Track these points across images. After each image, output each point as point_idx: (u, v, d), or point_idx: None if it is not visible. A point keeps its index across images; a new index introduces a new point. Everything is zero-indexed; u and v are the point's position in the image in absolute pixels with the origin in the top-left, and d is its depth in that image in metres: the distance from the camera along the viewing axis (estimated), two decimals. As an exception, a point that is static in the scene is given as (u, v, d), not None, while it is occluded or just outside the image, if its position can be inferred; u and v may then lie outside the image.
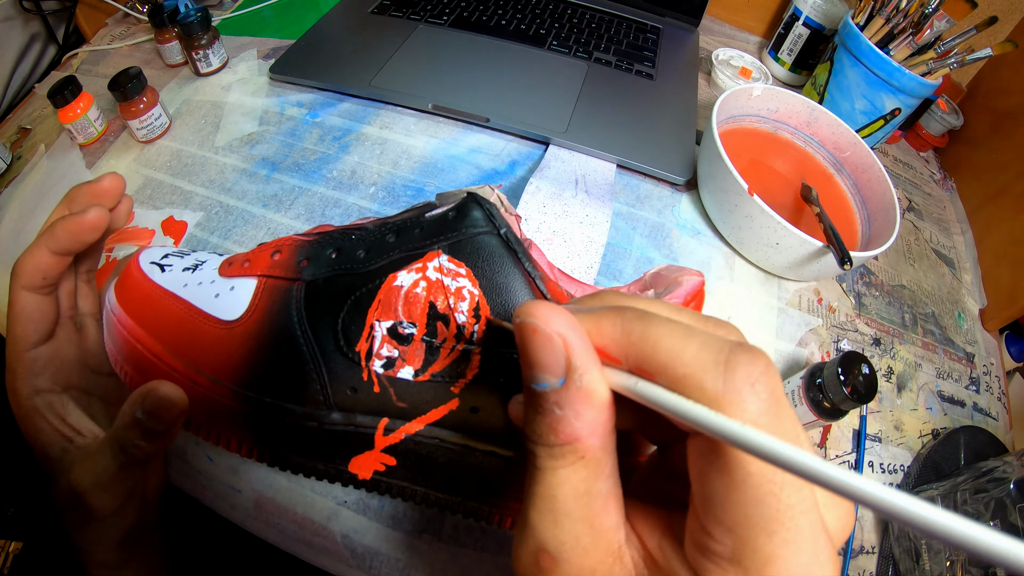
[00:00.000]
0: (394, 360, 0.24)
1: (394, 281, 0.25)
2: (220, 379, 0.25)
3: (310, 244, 0.28)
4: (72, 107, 0.46)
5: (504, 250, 0.25)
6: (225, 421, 0.26)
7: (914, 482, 0.40)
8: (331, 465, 0.26)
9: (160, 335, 0.27)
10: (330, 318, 0.25)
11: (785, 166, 0.53)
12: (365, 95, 0.54)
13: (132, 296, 0.28)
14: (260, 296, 0.26)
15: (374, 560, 0.32)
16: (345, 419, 0.25)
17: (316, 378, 0.25)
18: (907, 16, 0.52)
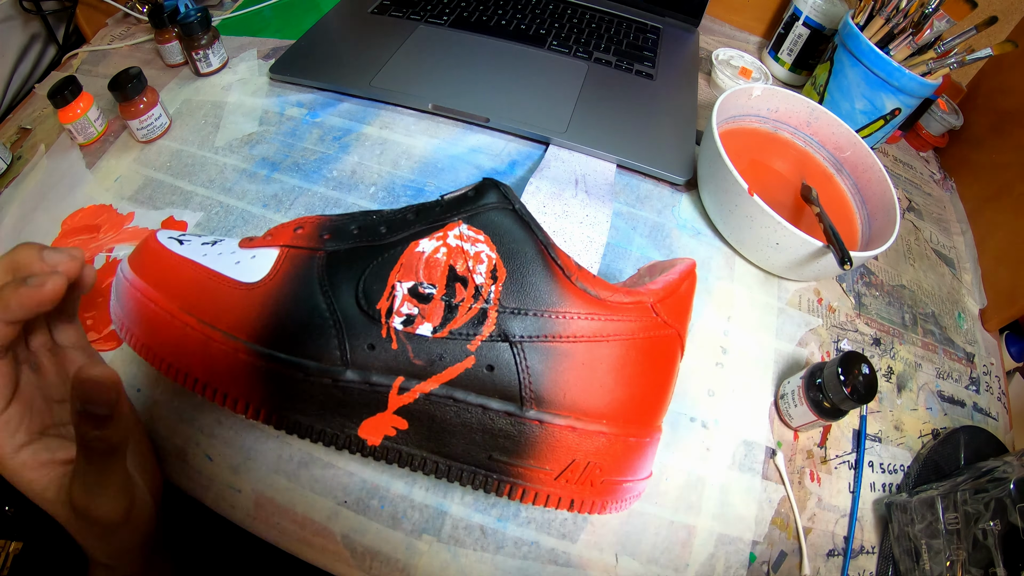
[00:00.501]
0: (414, 317, 0.25)
1: (416, 247, 0.26)
2: (236, 335, 0.25)
3: (332, 221, 0.28)
4: (72, 107, 0.46)
5: (519, 222, 0.27)
6: (235, 378, 0.26)
7: (914, 482, 0.40)
8: (340, 428, 0.26)
9: (176, 295, 0.27)
10: (351, 279, 0.26)
11: (785, 166, 0.53)
12: (365, 95, 0.54)
13: (149, 263, 0.28)
14: (282, 262, 0.27)
15: (374, 560, 0.32)
16: (360, 377, 0.25)
17: (335, 333, 0.25)
18: (907, 16, 0.52)
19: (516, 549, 0.33)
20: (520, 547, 0.33)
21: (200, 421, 0.35)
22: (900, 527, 0.37)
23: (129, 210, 0.44)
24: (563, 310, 0.26)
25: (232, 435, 0.34)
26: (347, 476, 0.34)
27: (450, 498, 0.34)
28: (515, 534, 0.33)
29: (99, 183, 0.46)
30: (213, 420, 0.35)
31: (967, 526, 0.34)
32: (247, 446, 0.34)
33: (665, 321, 0.28)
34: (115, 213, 0.44)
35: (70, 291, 0.27)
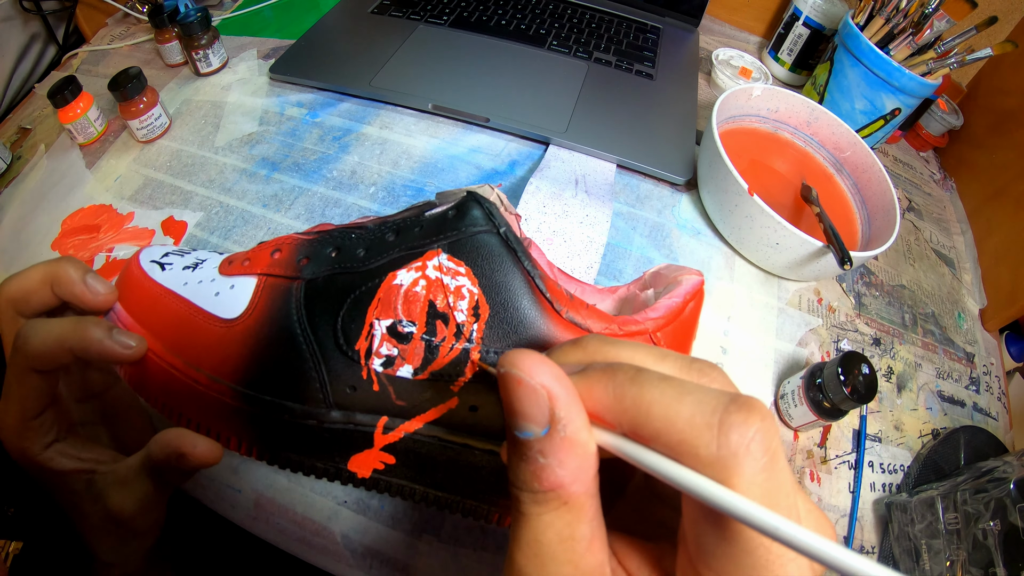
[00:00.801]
0: (393, 358, 0.25)
1: (394, 280, 0.25)
2: (220, 377, 0.25)
3: (310, 243, 0.28)
4: (72, 107, 0.46)
5: (504, 249, 0.25)
6: (224, 419, 0.26)
7: (914, 482, 0.40)
8: (330, 463, 0.26)
9: (160, 333, 0.27)
10: (330, 316, 0.25)
11: (785, 166, 0.53)
12: (365, 95, 0.54)
13: (132, 295, 0.28)
14: (260, 294, 0.26)
15: (374, 560, 0.32)
16: (344, 417, 0.25)
17: (316, 376, 0.25)
18: (907, 16, 0.52)
19: (516, 549, 0.33)
20: (520, 547, 0.33)
21: (200, 421, 0.35)
22: (900, 527, 0.37)
23: (129, 210, 0.44)
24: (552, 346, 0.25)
25: (232, 435, 0.34)
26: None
27: (450, 498, 0.34)
28: (515, 534, 0.33)
29: (99, 183, 0.46)
30: (213, 420, 0.35)
31: (967, 526, 0.34)
32: (247, 446, 0.34)
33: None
34: (115, 213, 0.44)
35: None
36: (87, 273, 0.27)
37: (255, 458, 0.26)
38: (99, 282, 0.27)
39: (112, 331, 0.26)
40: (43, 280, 0.27)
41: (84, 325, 0.25)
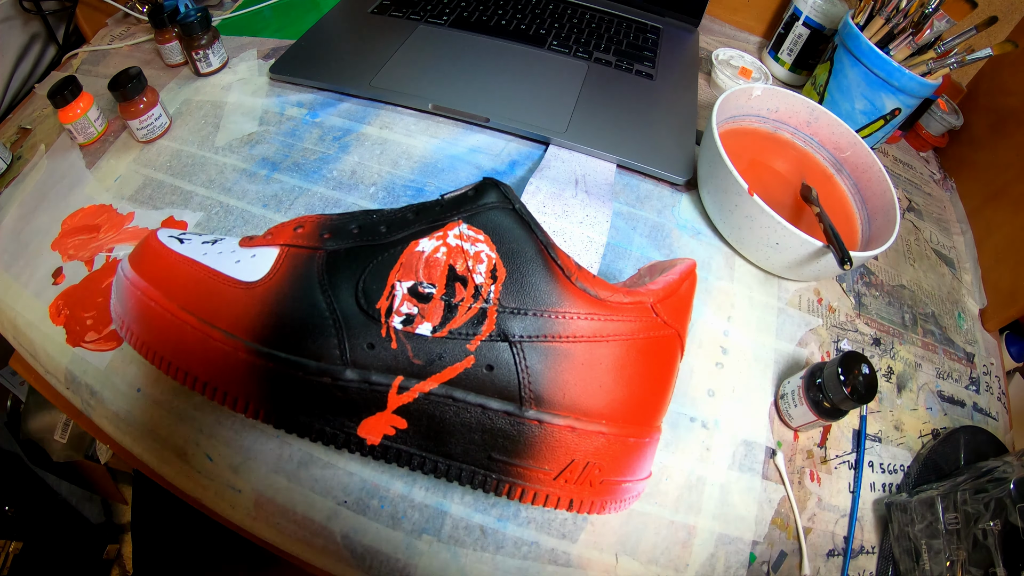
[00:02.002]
0: (413, 316, 0.25)
1: (416, 247, 0.26)
2: (236, 333, 0.25)
3: (332, 220, 0.29)
4: (72, 107, 0.46)
5: (519, 222, 0.27)
6: (235, 377, 0.26)
7: (914, 482, 0.40)
8: (340, 428, 0.26)
9: (175, 294, 0.27)
10: (351, 278, 0.26)
11: (785, 166, 0.53)
12: (365, 95, 0.54)
13: (149, 262, 0.28)
14: (282, 261, 0.27)
15: (374, 560, 0.32)
16: (360, 376, 0.25)
17: (334, 332, 0.25)
18: (907, 16, 0.52)
19: (516, 549, 0.33)
20: (520, 547, 0.33)
21: (200, 421, 0.35)
22: (900, 527, 0.37)
23: (129, 210, 0.44)
24: (563, 310, 0.26)
25: (232, 435, 0.34)
26: (347, 476, 0.34)
27: (450, 498, 0.34)
28: (515, 534, 0.33)
29: (99, 183, 0.46)
30: (213, 420, 0.35)
31: (967, 526, 0.34)
32: (247, 446, 0.34)
33: (665, 321, 0.28)
34: (115, 213, 0.44)
35: None
36: None
37: (262, 420, 0.26)
38: None
39: None
40: None
41: None
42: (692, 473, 0.37)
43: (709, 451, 0.38)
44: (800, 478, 0.38)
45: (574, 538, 0.33)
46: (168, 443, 0.34)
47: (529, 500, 0.26)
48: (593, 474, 0.26)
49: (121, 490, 0.87)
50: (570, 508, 0.26)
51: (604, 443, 0.26)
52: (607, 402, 0.26)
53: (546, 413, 0.26)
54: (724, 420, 0.39)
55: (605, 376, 0.26)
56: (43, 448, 0.78)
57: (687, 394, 0.40)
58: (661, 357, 0.28)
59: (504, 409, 0.26)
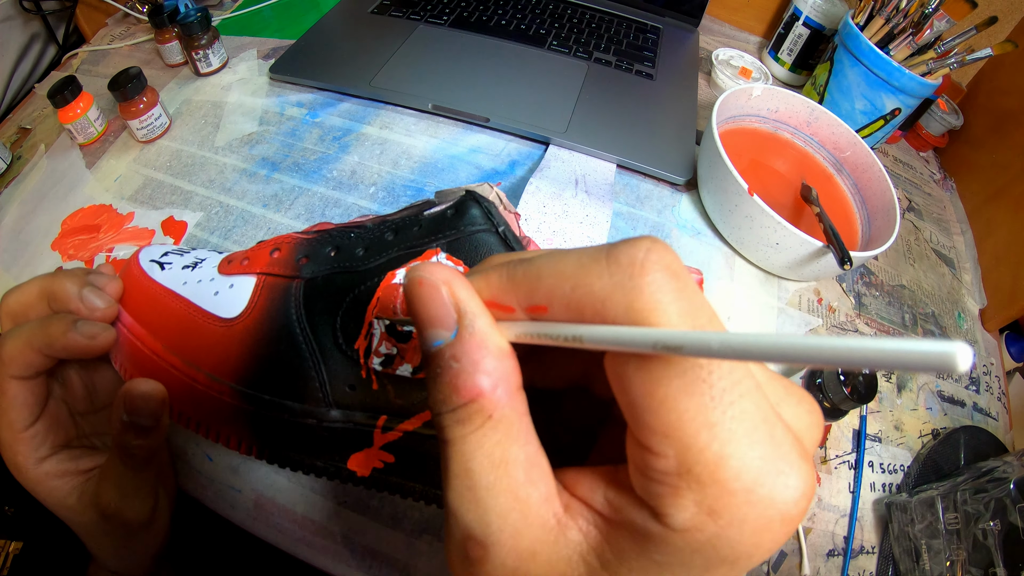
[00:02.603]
0: (392, 357, 0.25)
1: (393, 279, 0.25)
2: (219, 376, 0.26)
3: (309, 242, 0.28)
4: (72, 107, 0.46)
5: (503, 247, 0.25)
6: (224, 418, 0.26)
7: (914, 482, 0.40)
8: (330, 462, 0.26)
9: (159, 333, 0.27)
10: (329, 315, 0.25)
11: (785, 166, 0.53)
12: (365, 95, 0.54)
13: (132, 294, 0.28)
14: (259, 293, 0.26)
15: (374, 560, 0.32)
16: (344, 416, 0.25)
17: (315, 375, 0.25)
18: (907, 16, 0.52)
19: (516, 549, 0.33)
20: (520, 547, 0.33)
21: (200, 421, 0.35)
22: (900, 527, 0.37)
23: (129, 210, 0.44)
24: None
25: (232, 435, 0.34)
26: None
27: (450, 498, 0.34)
28: (515, 534, 0.33)
29: (99, 183, 0.46)
30: (213, 420, 0.35)
31: (967, 526, 0.34)
32: (247, 446, 0.34)
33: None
34: (115, 213, 0.44)
35: None
36: (84, 287, 0.26)
37: (255, 457, 0.26)
38: (97, 296, 0.27)
39: (76, 324, 0.25)
40: (40, 295, 0.27)
41: (47, 323, 0.25)
42: (692, 473, 0.37)
43: (709, 451, 0.38)
44: (800, 478, 0.38)
45: (574, 538, 0.33)
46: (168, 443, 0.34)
47: None
48: None
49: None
50: None
51: None
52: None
53: None
54: (724, 420, 0.39)
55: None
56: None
57: (687, 394, 0.39)
58: None
59: None
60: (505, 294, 0.14)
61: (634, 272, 0.12)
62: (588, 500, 0.14)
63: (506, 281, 0.14)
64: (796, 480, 0.11)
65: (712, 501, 0.11)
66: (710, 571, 0.12)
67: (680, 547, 0.12)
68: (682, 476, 0.11)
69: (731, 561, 0.12)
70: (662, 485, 0.12)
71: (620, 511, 0.13)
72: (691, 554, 0.12)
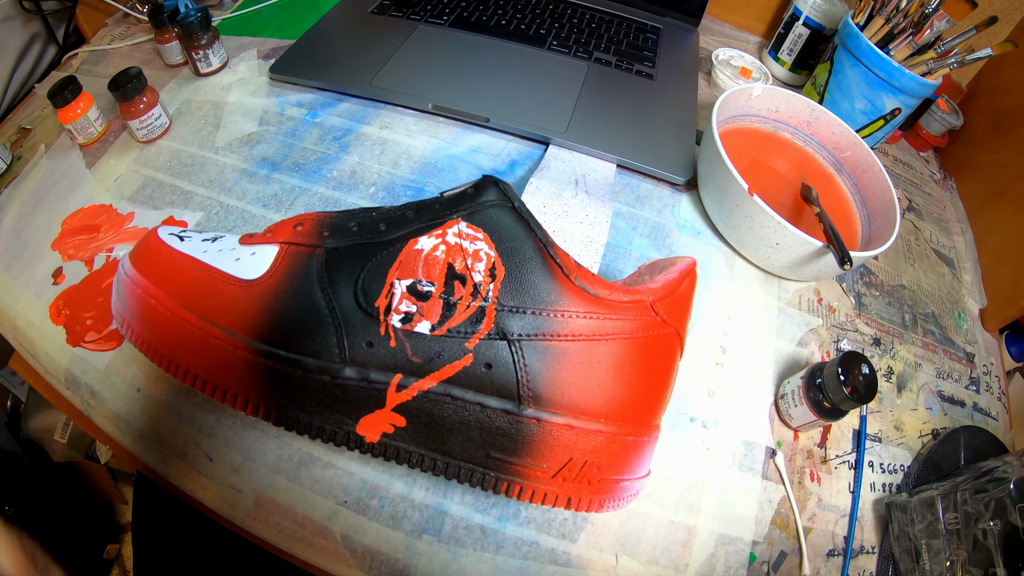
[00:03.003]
0: (412, 315, 0.25)
1: (415, 245, 0.26)
2: (235, 331, 0.26)
3: (332, 218, 0.29)
4: (72, 107, 0.46)
5: (518, 220, 0.27)
6: (235, 375, 0.26)
7: (914, 482, 0.40)
8: (338, 425, 0.26)
9: (176, 292, 0.27)
10: (350, 277, 0.26)
11: (785, 166, 0.53)
12: (365, 95, 0.54)
13: (149, 259, 0.28)
14: (281, 259, 0.27)
15: (374, 560, 0.32)
16: (359, 374, 0.25)
17: (334, 331, 0.25)
18: (907, 16, 0.52)
19: (516, 549, 0.33)
20: (520, 547, 0.33)
21: (200, 421, 0.35)
22: (900, 527, 0.37)
23: (129, 210, 0.44)
24: (562, 308, 0.26)
25: (232, 435, 0.34)
26: (347, 476, 0.34)
27: (450, 498, 0.34)
28: (515, 534, 0.33)
29: (99, 183, 0.46)
30: (213, 420, 0.35)
31: (967, 526, 0.34)
32: (247, 446, 0.34)
33: (664, 320, 0.28)
34: (115, 213, 0.44)
35: None
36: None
37: (261, 417, 0.26)
38: None
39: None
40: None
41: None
42: (692, 473, 0.37)
43: (709, 451, 0.38)
44: (800, 478, 0.38)
45: (574, 538, 0.33)
46: (168, 443, 0.34)
47: (527, 498, 0.26)
48: (591, 472, 0.26)
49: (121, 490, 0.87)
50: (568, 506, 0.26)
51: (602, 441, 0.26)
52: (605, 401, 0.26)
53: (544, 411, 0.26)
54: (724, 420, 0.39)
55: (604, 375, 0.26)
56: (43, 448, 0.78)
57: (687, 394, 0.40)
58: (660, 356, 0.28)
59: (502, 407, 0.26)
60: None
61: None
62: None
63: None
64: None
65: None
66: None
67: None
68: None
69: None
70: None
71: None
72: None
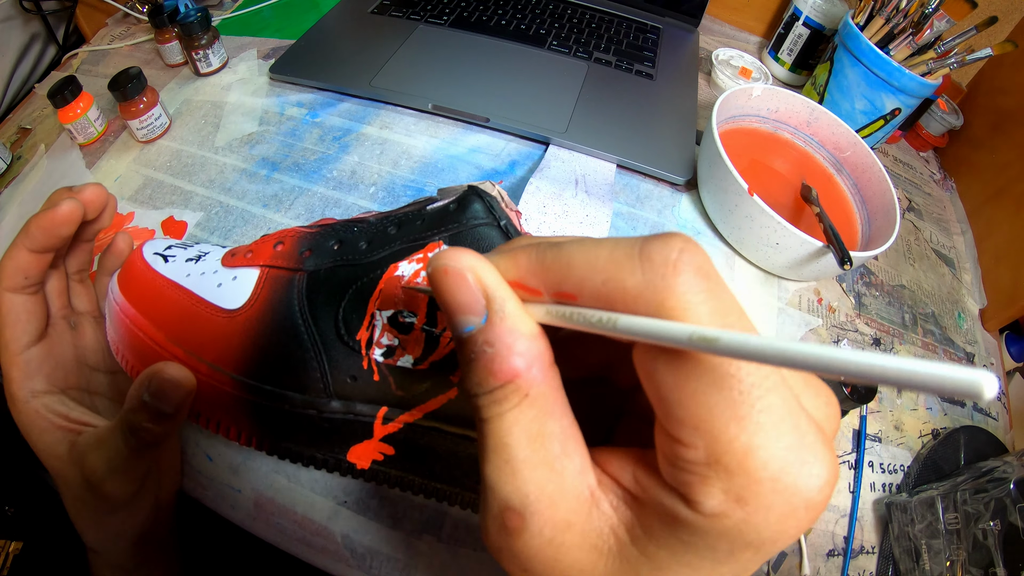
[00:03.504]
0: (394, 348, 0.25)
1: (395, 271, 0.25)
2: (221, 366, 0.25)
3: (312, 236, 0.28)
4: (72, 107, 0.46)
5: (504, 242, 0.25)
6: (225, 409, 0.26)
7: (914, 482, 0.40)
8: (330, 454, 0.26)
9: (162, 323, 0.27)
10: (331, 307, 0.25)
11: (785, 166, 0.53)
12: (365, 95, 0.54)
13: (135, 285, 0.28)
14: (262, 286, 0.27)
15: (374, 560, 0.32)
16: (344, 407, 0.25)
17: (316, 366, 0.25)
18: (907, 16, 0.52)
19: (516, 549, 0.33)
20: (520, 547, 0.33)
21: (200, 421, 0.35)
22: (900, 527, 0.37)
23: (129, 210, 0.44)
24: None
25: (232, 435, 0.34)
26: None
27: (450, 498, 0.34)
28: (515, 534, 0.33)
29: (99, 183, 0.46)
30: (213, 420, 0.35)
31: (967, 526, 0.34)
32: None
33: None
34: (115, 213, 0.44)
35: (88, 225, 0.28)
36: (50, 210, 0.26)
37: (255, 448, 0.26)
38: (83, 186, 0.28)
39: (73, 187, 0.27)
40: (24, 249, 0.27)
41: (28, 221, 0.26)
42: (692, 473, 0.37)
43: (709, 451, 0.38)
44: (800, 478, 0.38)
45: (574, 538, 0.33)
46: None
47: None
48: None
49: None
50: None
51: None
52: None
53: None
54: (724, 420, 0.39)
55: None
56: (43, 448, 0.77)
57: (687, 394, 0.39)
58: None
59: None
60: (532, 277, 0.14)
61: (667, 272, 0.12)
62: (618, 478, 0.14)
63: (535, 264, 0.14)
64: (820, 468, 0.12)
65: (740, 489, 0.12)
66: (735, 555, 0.12)
67: (707, 531, 0.12)
68: (711, 466, 0.12)
69: (756, 546, 0.12)
70: (691, 474, 0.12)
71: (649, 492, 0.13)
72: (717, 538, 0.12)
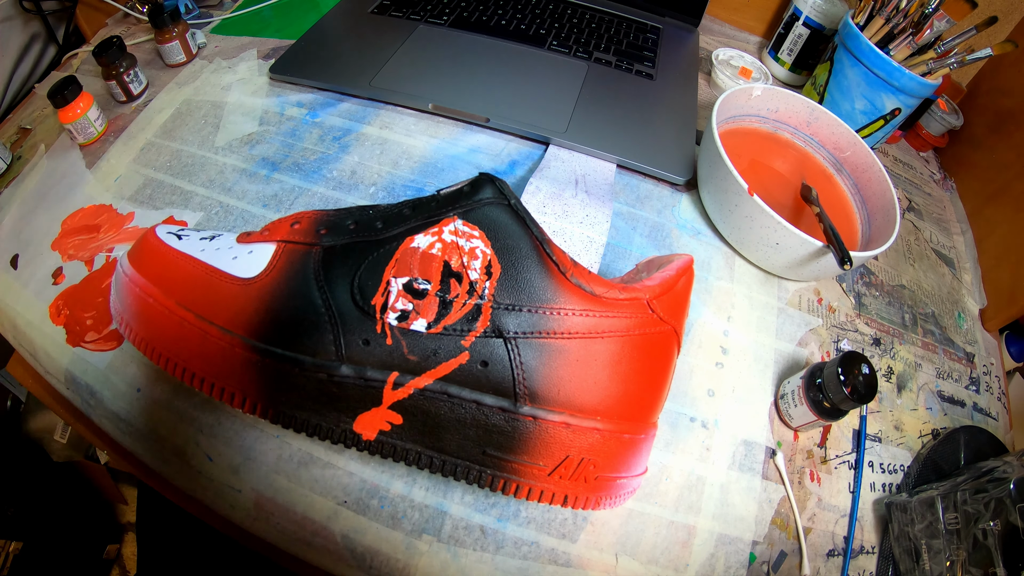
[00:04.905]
0: (408, 313, 0.25)
1: (411, 243, 0.26)
2: (233, 329, 0.26)
3: (329, 216, 0.29)
4: (72, 107, 0.46)
5: (514, 218, 0.27)
6: (232, 373, 0.26)
7: (914, 482, 0.40)
8: (335, 423, 0.26)
9: (173, 290, 0.27)
10: (347, 275, 0.26)
11: (785, 166, 0.53)
12: (365, 95, 0.54)
13: (147, 258, 0.28)
14: (279, 257, 0.27)
15: (374, 560, 0.32)
16: (355, 372, 0.25)
17: (330, 328, 0.25)
18: (907, 16, 0.52)
19: (516, 549, 0.33)
20: (520, 547, 0.33)
21: (200, 421, 0.35)
22: (900, 527, 0.37)
23: (129, 210, 0.44)
24: (558, 306, 0.26)
25: (232, 435, 0.34)
26: (347, 476, 0.34)
27: (450, 498, 0.34)
28: (515, 534, 0.33)
29: (99, 183, 0.46)
30: (213, 420, 0.35)
31: (967, 526, 0.34)
32: (247, 446, 0.34)
33: (661, 318, 0.28)
34: (115, 213, 0.44)
35: None
36: None
37: (258, 415, 0.26)
38: None
39: None
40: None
41: None
42: (692, 473, 0.37)
43: (709, 451, 0.38)
44: (800, 478, 0.38)
45: (574, 538, 0.33)
46: (168, 443, 0.34)
47: (524, 496, 0.26)
48: (588, 470, 0.26)
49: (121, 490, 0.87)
50: (564, 504, 0.26)
51: (599, 439, 0.26)
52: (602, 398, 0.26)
53: (541, 409, 0.26)
54: (724, 420, 0.39)
55: (600, 372, 0.26)
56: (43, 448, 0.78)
57: (687, 394, 0.40)
58: (657, 353, 0.28)
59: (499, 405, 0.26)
60: None
61: None
62: None
63: None
64: None
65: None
66: None
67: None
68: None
69: None
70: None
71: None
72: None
